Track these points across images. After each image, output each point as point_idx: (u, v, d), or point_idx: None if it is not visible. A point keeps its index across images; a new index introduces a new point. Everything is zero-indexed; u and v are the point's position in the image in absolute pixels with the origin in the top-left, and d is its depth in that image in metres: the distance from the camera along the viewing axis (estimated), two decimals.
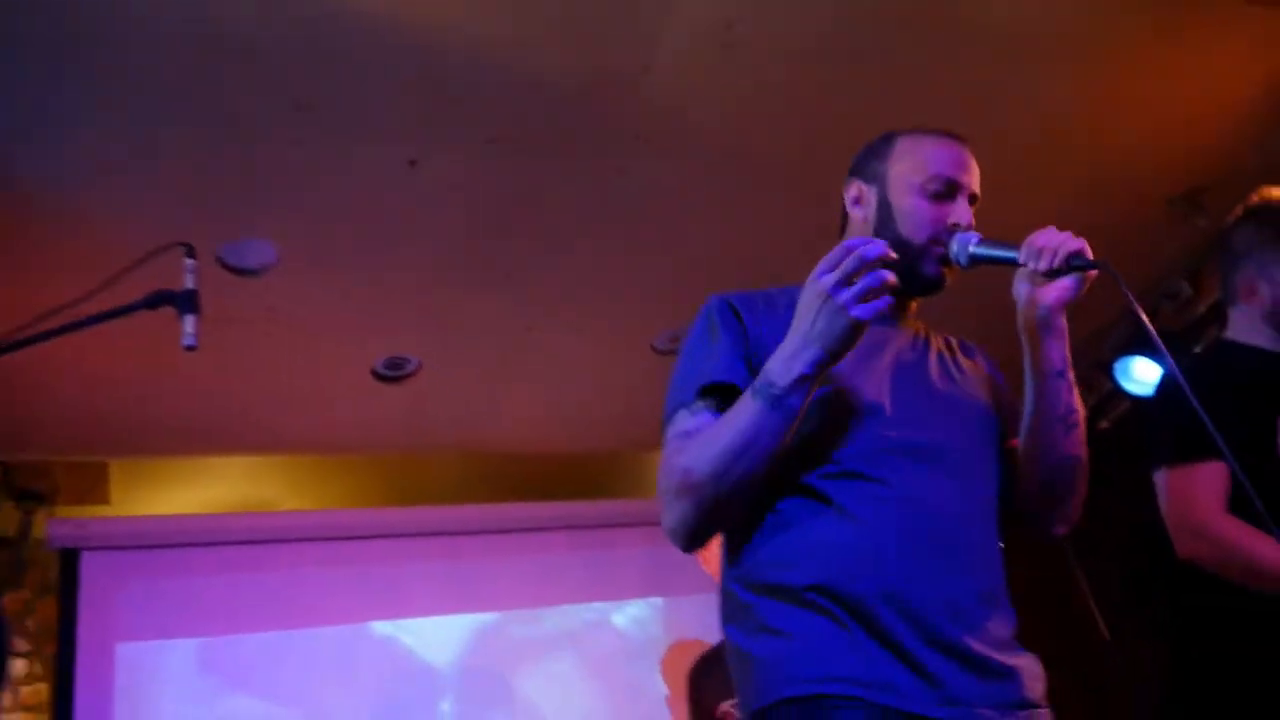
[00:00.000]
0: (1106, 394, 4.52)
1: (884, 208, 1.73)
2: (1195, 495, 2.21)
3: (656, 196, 3.31)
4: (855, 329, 1.43)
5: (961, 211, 1.69)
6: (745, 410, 1.49)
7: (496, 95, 2.86)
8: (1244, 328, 2.45)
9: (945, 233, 1.66)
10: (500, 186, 3.14)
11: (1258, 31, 3.20)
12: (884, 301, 1.42)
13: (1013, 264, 1.59)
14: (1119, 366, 4.19)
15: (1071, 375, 1.67)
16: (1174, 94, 3.37)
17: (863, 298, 1.41)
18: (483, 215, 3.23)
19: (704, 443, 1.51)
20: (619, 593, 4.65)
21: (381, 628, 4.38)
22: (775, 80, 2.98)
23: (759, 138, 3.15)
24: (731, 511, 1.54)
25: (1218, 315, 3.12)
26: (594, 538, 4.63)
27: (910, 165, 1.72)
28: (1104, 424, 4.62)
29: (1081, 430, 1.69)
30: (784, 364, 1.47)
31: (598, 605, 4.63)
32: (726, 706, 3.20)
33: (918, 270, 1.68)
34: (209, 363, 3.50)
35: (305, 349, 3.65)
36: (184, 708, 4.05)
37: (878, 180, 1.75)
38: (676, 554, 1.68)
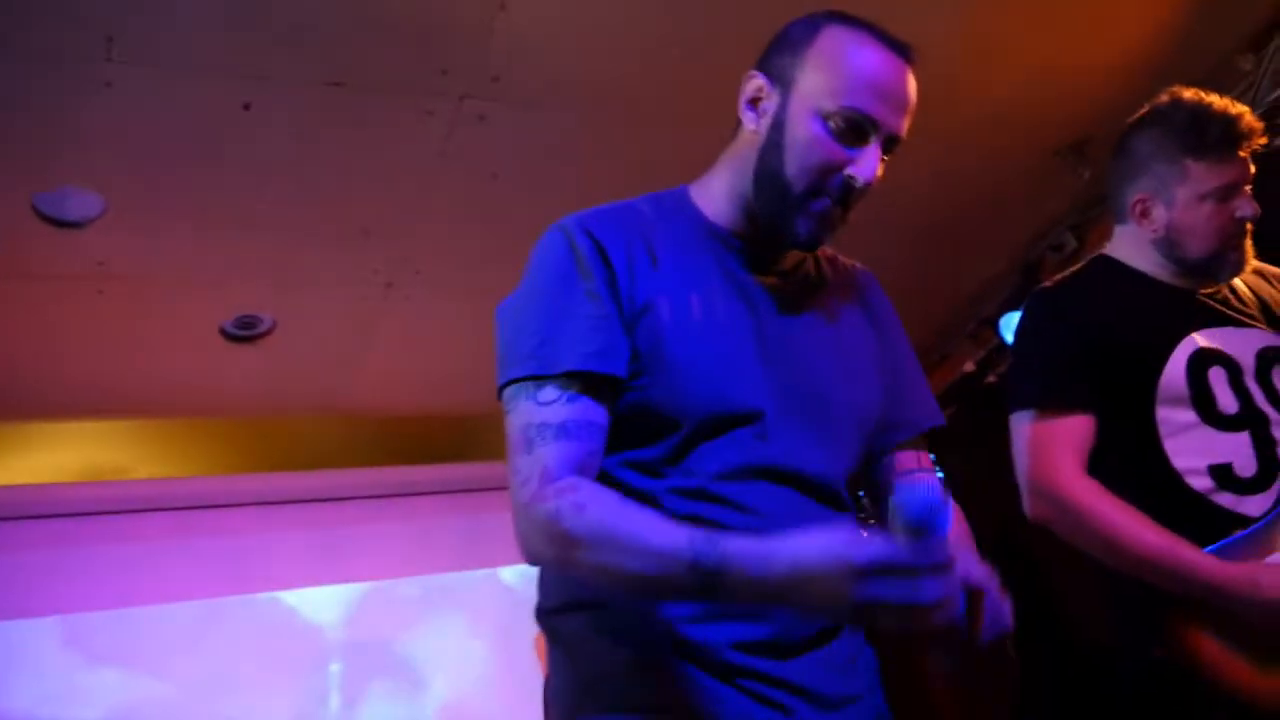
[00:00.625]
0: (994, 348, 4.48)
1: (777, 128, 1.35)
2: (1052, 451, 1.92)
3: (521, 144, 3.10)
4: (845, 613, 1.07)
5: (867, 162, 1.31)
6: (673, 559, 1.11)
7: (337, 34, 2.61)
8: (1129, 248, 2.13)
9: (836, 187, 1.31)
10: (347, 135, 2.89)
11: None
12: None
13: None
14: (1005, 321, 4.14)
15: None
16: (1060, 42, 3.26)
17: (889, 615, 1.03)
18: (330, 166, 2.99)
19: (604, 538, 1.16)
20: (501, 557, 4.51)
21: (261, 598, 4.19)
22: (644, 11, 2.77)
23: (631, 73, 2.95)
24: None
25: None
26: (473, 501, 4.47)
27: (824, 80, 1.31)
28: (991, 378, 4.59)
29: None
30: (753, 576, 1.08)
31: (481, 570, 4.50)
32: None
33: (785, 228, 1.34)
34: (35, 322, 3.23)
35: (144, 307, 3.39)
36: (49, 687, 3.82)
37: (783, 85, 1.36)
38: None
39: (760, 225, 1.40)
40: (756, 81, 1.38)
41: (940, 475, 1.53)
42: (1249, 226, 2.03)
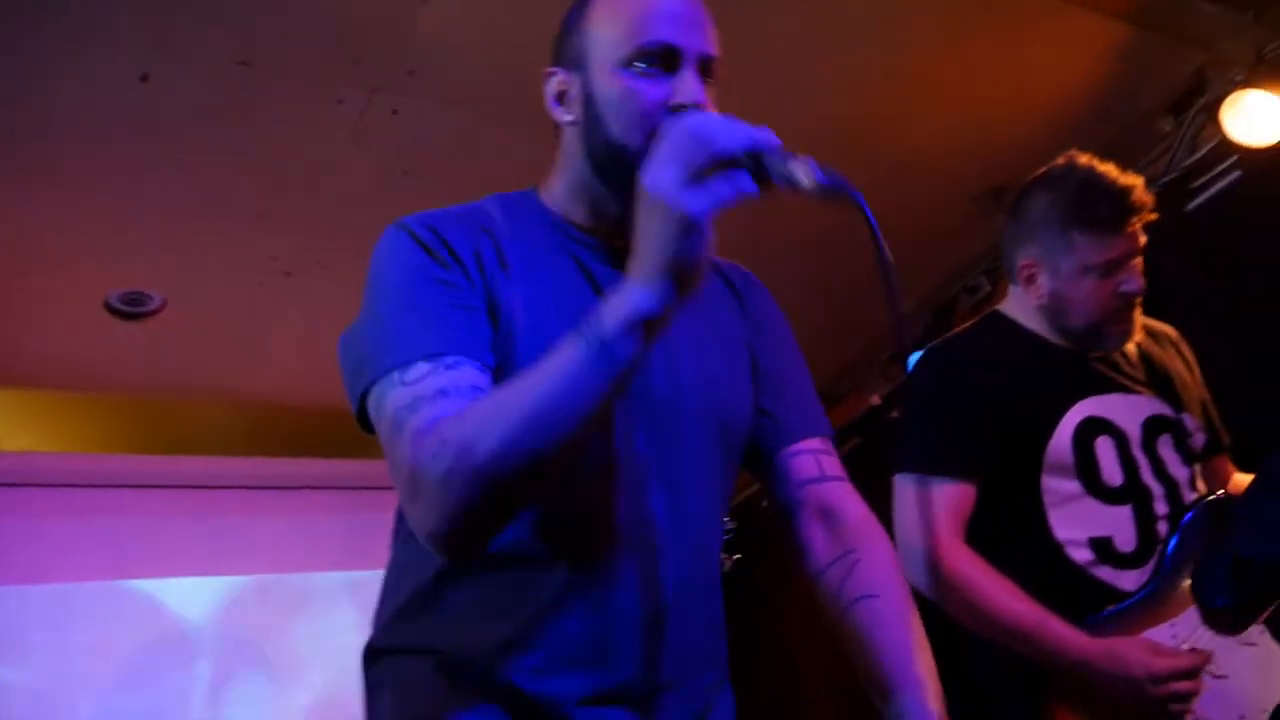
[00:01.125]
0: (902, 384, 4.51)
1: (589, 104, 1.26)
2: (931, 518, 1.92)
3: (434, 139, 3.01)
4: (696, 234, 1.01)
5: (686, 87, 1.21)
6: (556, 363, 1.06)
7: (251, 11, 2.50)
8: (1020, 309, 2.11)
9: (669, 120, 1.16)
10: (251, 116, 2.78)
11: (1069, 32, 3.15)
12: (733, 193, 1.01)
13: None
14: (914, 359, 4.16)
15: None
16: (983, 89, 3.29)
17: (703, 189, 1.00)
18: (230, 146, 2.87)
19: (491, 412, 1.07)
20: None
21: (135, 585, 4.02)
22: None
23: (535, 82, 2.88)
24: (518, 506, 1.12)
25: None
26: (361, 499, 4.36)
27: (610, 36, 1.24)
28: (896, 413, 4.62)
29: None
30: (618, 297, 1.05)
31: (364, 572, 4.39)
32: None
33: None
34: None
35: (24, 275, 3.22)
36: None
37: (578, 66, 1.28)
38: None
39: (611, 216, 1.29)
40: (556, 78, 1.32)
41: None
42: (1136, 301, 2.02)
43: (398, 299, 1.21)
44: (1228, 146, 3.31)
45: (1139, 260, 2.02)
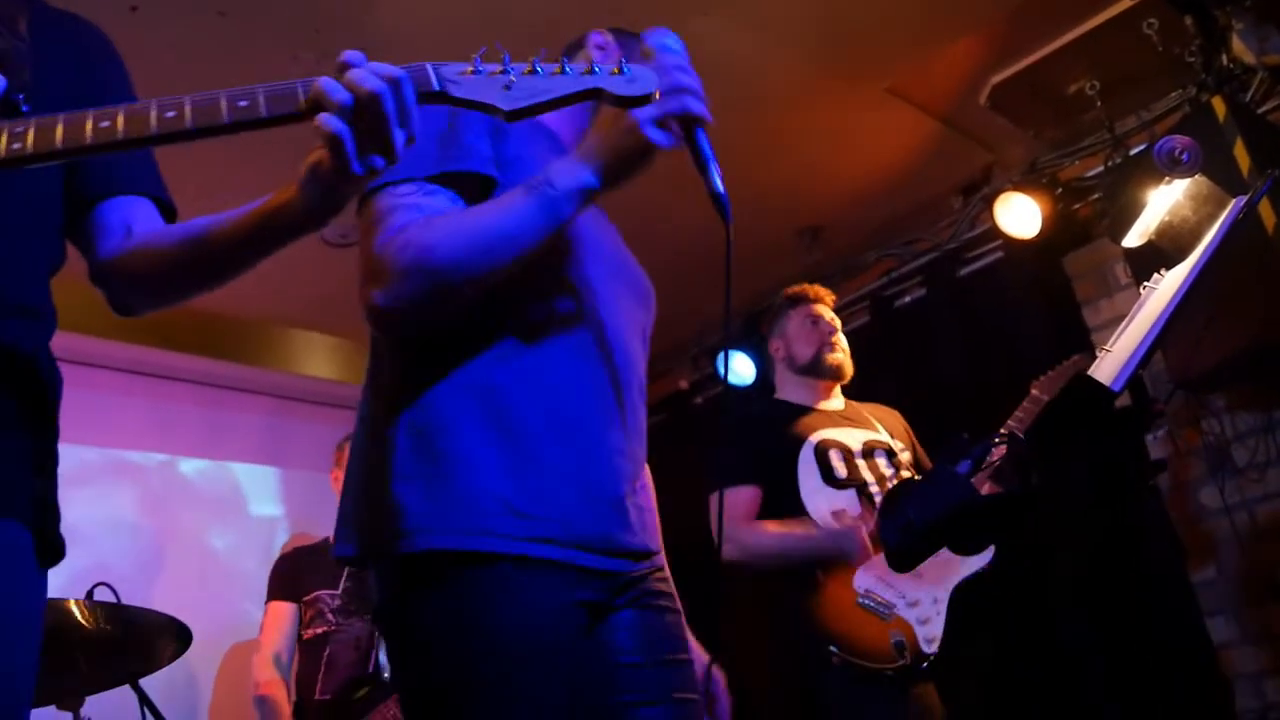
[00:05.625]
0: (707, 375, 5.13)
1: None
2: (732, 511, 2.81)
3: None
4: (647, 152, 1.35)
5: None
6: (512, 204, 1.38)
7: None
8: (782, 384, 3.20)
9: None
10: (224, 62, 3.08)
11: (893, 118, 3.83)
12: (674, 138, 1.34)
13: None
14: (722, 356, 4.78)
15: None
16: (818, 148, 3.94)
17: (663, 123, 1.33)
18: (205, 86, 3.16)
19: (453, 228, 1.37)
20: (235, 454, 4.71)
21: None
22: (515, 11, 3.10)
23: None
24: (455, 308, 1.40)
25: None
26: (217, 396, 4.67)
27: None
28: (699, 400, 5.26)
29: None
30: (569, 167, 1.37)
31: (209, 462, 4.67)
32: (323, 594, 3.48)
33: None
34: None
35: None
36: None
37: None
38: (296, 428, 1.52)
39: None
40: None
41: None
42: (835, 339, 3.10)
43: (439, 137, 1.47)
44: (996, 231, 4.07)
45: (833, 319, 3.18)
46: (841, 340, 3.15)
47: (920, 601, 2.71)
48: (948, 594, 2.72)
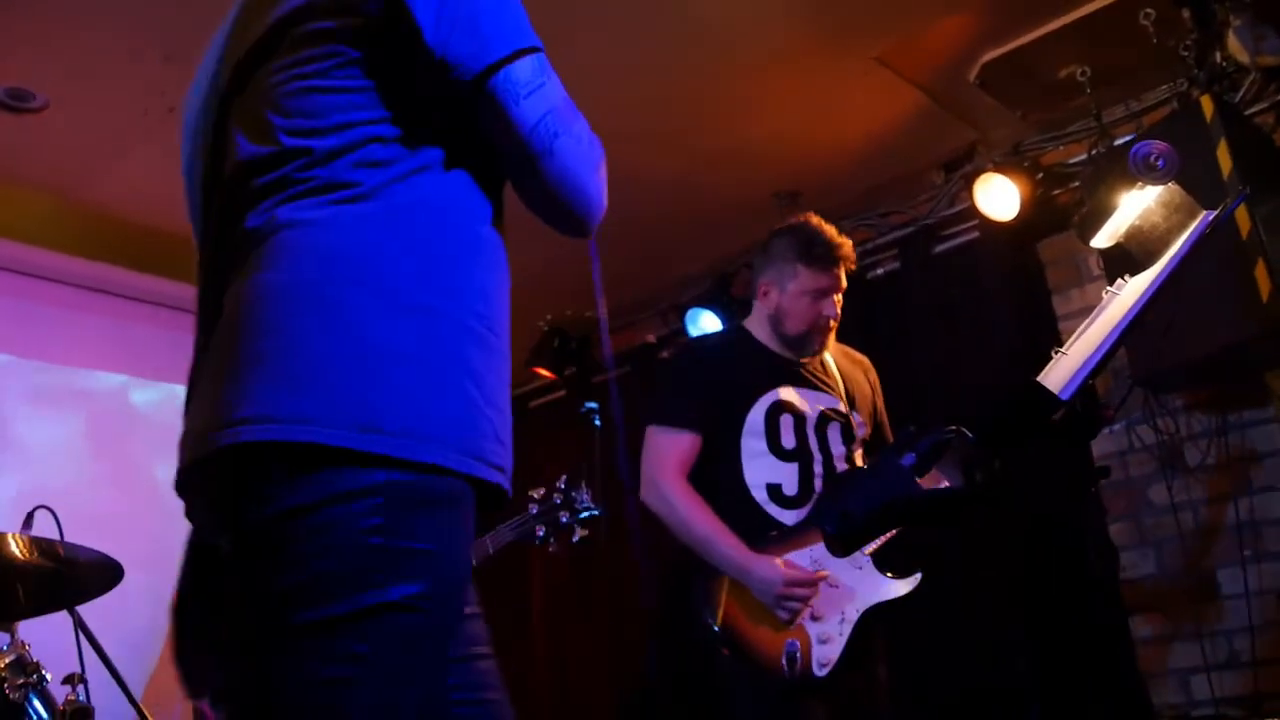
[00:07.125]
0: (675, 330, 5.10)
1: None
2: (664, 457, 2.69)
3: None
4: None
5: None
6: None
7: None
8: (755, 321, 2.88)
9: None
10: None
11: (880, 87, 3.78)
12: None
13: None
14: (691, 314, 4.76)
15: None
16: (801, 111, 3.88)
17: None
18: None
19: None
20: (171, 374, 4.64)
21: None
22: None
23: None
24: None
25: None
26: (180, 320, 4.59)
27: None
28: (664, 353, 5.23)
29: None
30: None
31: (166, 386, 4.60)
32: None
33: None
34: None
35: None
36: None
37: None
38: None
39: None
40: None
41: None
42: (832, 323, 2.81)
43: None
44: (974, 211, 4.04)
45: (839, 296, 2.82)
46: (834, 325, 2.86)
47: (825, 617, 2.54)
48: (857, 615, 2.55)
